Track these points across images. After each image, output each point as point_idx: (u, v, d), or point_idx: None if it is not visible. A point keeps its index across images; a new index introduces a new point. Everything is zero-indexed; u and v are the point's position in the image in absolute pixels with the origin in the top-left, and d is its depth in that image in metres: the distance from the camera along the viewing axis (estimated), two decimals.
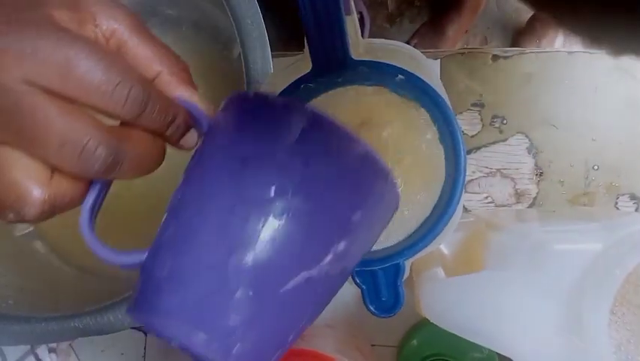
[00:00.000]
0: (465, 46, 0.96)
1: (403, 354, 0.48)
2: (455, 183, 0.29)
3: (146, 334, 0.53)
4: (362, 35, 0.32)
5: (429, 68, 0.32)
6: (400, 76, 0.30)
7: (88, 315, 0.41)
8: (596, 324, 0.25)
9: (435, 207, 0.30)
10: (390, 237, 0.31)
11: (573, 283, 0.26)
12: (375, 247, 0.31)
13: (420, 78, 0.29)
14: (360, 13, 0.89)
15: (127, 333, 0.53)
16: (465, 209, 0.50)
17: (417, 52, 0.33)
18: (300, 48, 0.33)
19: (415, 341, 0.47)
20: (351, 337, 0.47)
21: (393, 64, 0.30)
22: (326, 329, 0.46)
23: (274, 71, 0.34)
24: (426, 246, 0.29)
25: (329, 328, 0.47)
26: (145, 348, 0.53)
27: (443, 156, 0.31)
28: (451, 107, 0.30)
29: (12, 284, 0.48)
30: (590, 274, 0.26)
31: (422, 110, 0.31)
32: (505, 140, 0.50)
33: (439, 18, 0.91)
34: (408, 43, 1.00)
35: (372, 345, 0.50)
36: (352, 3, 0.33)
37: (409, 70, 0.30)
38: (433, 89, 0.29)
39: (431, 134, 0.31)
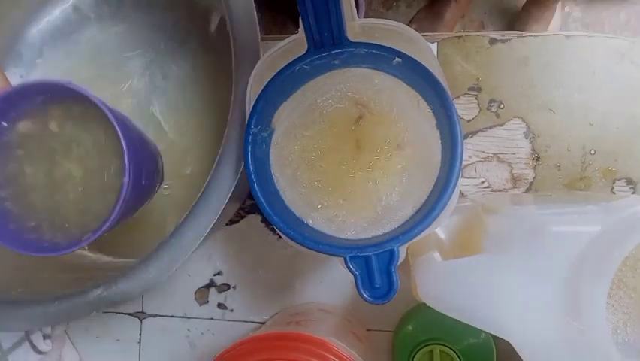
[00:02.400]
0: (462, 30, 0.96)
1: (398, 339, 0.48)
2: (451, 169, 0.28)
3: (141, 320, 0.53)
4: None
5: (427, 50, 0.31)
6: (397, 59, 0.29)
7: (99, 287, 0.40)
8: (594, 306, 0.25)
9: (431, 194, 0.30)
10: (385, 223, 0.31)
11: (571, 266, 0.26)
12: (369, 234, 0.31)
13: (417, 61, 0.29)
14: None
15: (122, 319, 0.53)
16: (461, 194, 0.49)
17: (414, 32, 0.32)
18: (296, 32, 0.32)
19: (410, 326, 0.47)
20: (347, 322, 0.47)
21: (391, 46, 0.29)
22: (321, 314, 0.46)
23: (270, 52, 0.33)
24: (421, 232, 0.28)
25: (324, 312, 0.47)
26: (140, 334, 0.53)
27: (440, 141, 0.30)
28: (448, 91, 0.30)
29: (20, 273, 0.47)
30: (588, 256, 0.26)
31: (419, 94, 0.31)
32: (502, 124, 0.50)
33: (436, 2, 0.90)
34: None
35: (368, 330, 0.50)
36: None
37: (406, 53, 0.29)
38: (431, 72, 0.29)
39: (428, 118, 0.31)
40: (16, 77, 0.51)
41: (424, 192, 0.30)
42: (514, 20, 0.94)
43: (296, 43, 0.33)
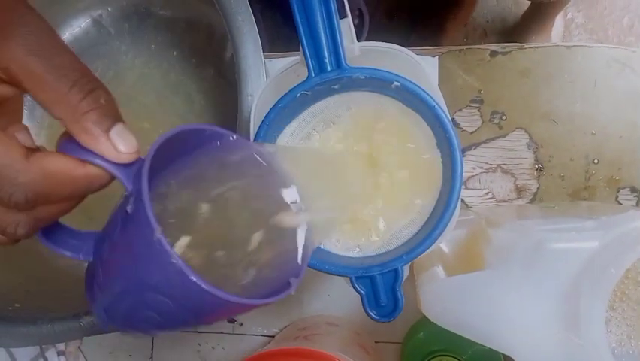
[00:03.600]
0: (465, 39, 0.96)
1: (406, 350, 0.48)
2: (452, 189, 0.29)
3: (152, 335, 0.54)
4: (362, 32, 0.32)
5: (425, 71, 0.32)
6: (396, 83, 0.30)
7: (91, 314, 0.42)
8: (593, 322, 0.25)
9: (432, 213, 0.31)
10: (390, 241, 0.32)
11: (570, 282, 0.27)
12: (374, 251, 0.32)
13: (415, 85, 0.29)
14: (359, 10, 0.89)
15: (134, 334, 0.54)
16: (466, 205, 0.50)
17: (412, 54, 0.33)
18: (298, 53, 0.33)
19: (418, 337, 0.47)
20: (355, 334, 0.47)
21: (389, 70, 0.30)
22: (329, 327, 0.47)
23: (273, 76, 0.34)
24: (424, 251, 0.29)
25: (332, 326, 0.47)
26: (152, 349, 0.54)
27: (440, 161, 0.31)
28: (447, 113, 0.30)
29: (18, 288, 0.48)
30: (586, 273, 0.26)
31: (419, 116, 0.31)
32: (504, 135, 0.50)
33: (438, 12, 0.91)
34: (408, 37, 1.00)
35: (376, 342, 0.50)
36: (347, 5, 0.33)
37: (404, 76, 0.30)
38: (429, 95, 0.29)
39: (428, 139, 0.31)
40: None
41: (427, 210, 0.31)
42: (513, 31, 0.94)
43: (300, 64, 0.34)
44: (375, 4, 0.95)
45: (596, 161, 0.49)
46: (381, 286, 0.29)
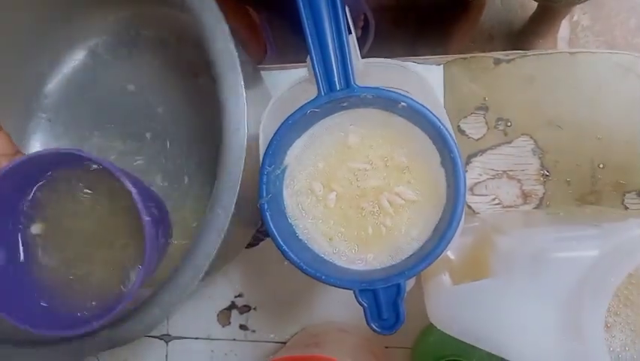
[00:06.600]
0: (471, 43, 0.96)
1: (416, 355, 0.49)
2: (455, 207, 0.30)
3: (167, 342, 0.55)
4: (367, 38, 0.32)
5: (430, 84, 0.33)
6: (402, 103, 0.30)
7: (105, 328, 0.42)
8: (593, 330, 0.26)
9: (436, 228, 0.31)
10: (394, 255, 0.32)
11: (571, 290, 0.27)
12: (378, 265, 0.32)
13: (422, 105, 0.30)
14: (365, 15, 0.90)
15: (149, 342, 0.55)
16: (473, 211, 0.50)
17: (416, 69, 0.34)
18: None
19: (430, 341, 0.48)
20: (365, 340, 0.48)
21: (395, 90, 0.30)
22: (339, 333, 0.48)
23: (279, 93, 0.35)
24: (426, 267, 0.30)
25: (342, 332, 0.48)
26: (166, 356, 0.55)
27: (444, 178, 0.32)
28: (452, 132, 0.31)
29: None
30: (587, 281, 0.27)
31: (425, 133, 0.32)
32: (510, 142, 0.51)
33: (444, 18, 0.91)
34: (414, 43, 1.01)
35: (386, 347, 0.51)
36: (351, 22, 0.34)
37: (410, 96, 0.30)
38: (433, 115, 0.30)
39: (434, 157, 0.32)
40: (44, 121, 0.54)
41: (431, 225, 0.32)
42: (519, 36, 0.94)
43: (307, 81, 0.34)
44: (381, 10, 0.96)
45: (601, 166, 0.49)
46: (384, 299, 0.30)
